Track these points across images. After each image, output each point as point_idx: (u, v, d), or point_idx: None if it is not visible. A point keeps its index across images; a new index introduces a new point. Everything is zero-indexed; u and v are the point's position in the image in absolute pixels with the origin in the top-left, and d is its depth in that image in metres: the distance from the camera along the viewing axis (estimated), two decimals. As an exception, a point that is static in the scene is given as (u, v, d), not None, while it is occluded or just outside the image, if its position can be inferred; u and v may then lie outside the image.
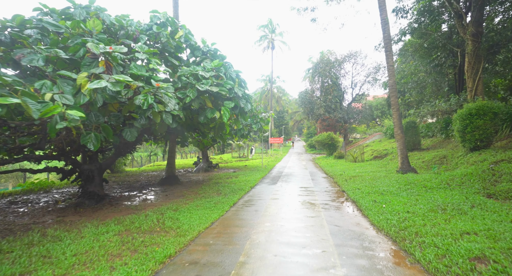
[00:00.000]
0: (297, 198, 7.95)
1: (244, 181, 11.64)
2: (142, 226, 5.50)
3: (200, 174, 15.77)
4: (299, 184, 10.77)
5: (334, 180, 11.41)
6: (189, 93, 7.48)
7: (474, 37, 12.39)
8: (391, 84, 11.40)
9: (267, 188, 10.10)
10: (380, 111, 47.11)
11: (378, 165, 15.74)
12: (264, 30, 47.27)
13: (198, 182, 12.11)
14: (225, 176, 13.69)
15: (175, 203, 7.81)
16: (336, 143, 25.72)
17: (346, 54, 33.88)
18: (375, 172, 12.34)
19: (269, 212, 6.40)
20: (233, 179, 12.58)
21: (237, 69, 8.92)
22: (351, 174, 12.28)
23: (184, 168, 19.02)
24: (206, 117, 8.15)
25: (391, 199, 6.89)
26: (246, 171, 16.48)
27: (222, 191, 9.44)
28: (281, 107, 62.42)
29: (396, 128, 11.43)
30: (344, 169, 14.75)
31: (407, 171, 10.86)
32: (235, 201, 7.79)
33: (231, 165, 20.94)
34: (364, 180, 10.05)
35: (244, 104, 9.15)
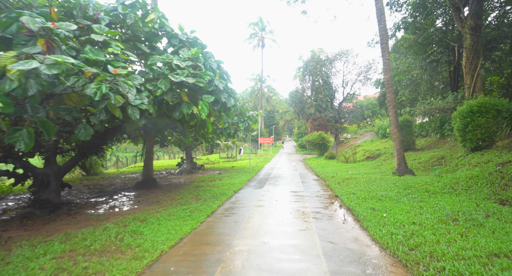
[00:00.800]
0: (284, 205, 7.00)
1: (228, 184, 10.65)
2: (94, 244, 4.47)
3: (183, 176, 14.69)
4: (287, 187, 9.85)
5: (326, 182, 10.54)
6: (161, 85, 6.47)
7: (473, 31, 11.72)
8: (387, 79, 10.60)
9: (252, 192, 9.14)
10: (371, 111, 46.79)
11: (372, 166, 14.97)
12: (254, 28, 46.35)
13: (178, 186, 11.06)
14: (208, 179, 12.67)
15: (146, 212, 6.77)
16: (327, 142, 24.98)
17: (337, 53, 33.28)
18: (369, 174, 11.52)
19: (251, 224, 5.43)
20: (217, 181, 11.57)
21: (218, 59, 7.93)
22: (344, 176, 11.43)
23: (167, 170, 17.90)
24: (181, 113, 7.15)
25: (391, 206, 6.02)
26: (232, 172, 15.48)
27: (202, 196, 8.44)
28: (271, 107, 61.62)
29: (392, 127, 10.63)
30: (336, 170, 13.91)
31: (404, 173, 10.07)
32: (214, 208, 6.80)
33: (217, 166, 19.91)
34: (359, 183, 9.19)
35: (226, 99, 8.18)
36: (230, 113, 9.64)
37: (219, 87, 7.41)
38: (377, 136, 27.60)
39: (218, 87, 7.50)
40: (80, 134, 5.18)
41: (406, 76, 18.11)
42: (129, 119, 6.35)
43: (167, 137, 11.93)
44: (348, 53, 32.83)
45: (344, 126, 37.21)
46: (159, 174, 15.97)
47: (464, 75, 12.46)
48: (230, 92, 8.40)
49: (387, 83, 10.61)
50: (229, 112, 9.39)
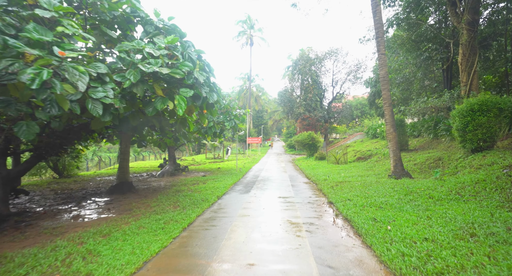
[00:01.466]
0: (273, 215, 6.16)
1: (211, 188, 9.75)
2: (32, 272, 3.53)
3: (164, 178, 13.68)
4: (276, 192, 9.02)
5: (317, 186, 9.76)
6: (129, 76, 5.54)
7: (470, 26, 11.20)
8: (383, 75, 9.92)
9: (237, 198, 8.26)
10: (360, 111, 46.64)
11: (364, 168, 14.33)
12: (243, 25, 45.44)
13: (156, 190, 10.08)
14: (191, 181, 11.72)
15: (113, 223, 5.82)
16: (317, 143, 24.34)
17: (327, 51, 32.77)
18: (363, 176, 10.82)
19: (234, 240, 4.56)
20: (200, 185, 10.64)
21: (199, 49, 7.03)
22: (337, 178, 10.69)
23: (149, 171, 16.80)
24: (155, 109, 6.23)
25: (395, 216, 5.26)
26: (218, 174, 14.56)
27: (181, 203, 7.52)
28: (260, 107, 60.86)
29: (388, 126, 9.96)
30: (327, 172, 13.19)
31: (401, 176, 9.40)
32: (192, 219, 5.90)
33: (202, 168, 18.92)
34: (354, 187, 8.45)
35: (208, 93, 7.29)
36: (214, 111, 8.75)
37: (199, 80, 6.50)
38: (367, 136, 27.18)
39: (198, 81, 6.59)
40: (20, 133, 4.19)
41: (398, 74, 17.61)
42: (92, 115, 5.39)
43: (146, 136, 10.91)
44: (337, 52, 32.36)
45: (333, 127, 36.77)
46: (139, 176, 14.89)
47: (460, 72, 11.94)
48: (212, 87, 7.51)
49: (383, 80, 9.93)
50: (212, 109, 8.51)
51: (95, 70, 5.03)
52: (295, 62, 35.54)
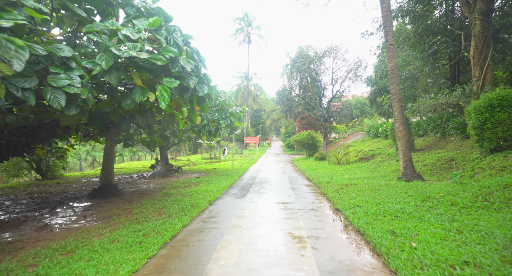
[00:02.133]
0: (271, 226, 5.27)
1: (204, 191, 8.85)
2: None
3: (155, 180, 12.76)
4: (275, 196, 8.13)
5: (320, 190, 8.88)
6: (100, 61, 4.66)
7: (483, 16, 10.35)
8: (392, 68, 9.06)
9: (231, 203, 7.37)
10: (359, 111, 45.87)
11: (368, 169, 13.47)
12: (240, 23, 44.52)
13: (144, 193, 9.18)
14: (183, 184, 10.82)
15: (83, 235, 4.93)
16: (316, 142, 23.48)
17: (326, 49, 31.88)
18: (369, 179, 9.96)
19: (222, 262, 3.68)
20: (192, 188, 9.75)
21: (186, 33, 6.14)
22: (340, 181, 9.83)
23: (140, 172, 15.87)
24: (133, 101, 5.35)
25: (416, 228, 4.40)
26: (212, 176, 13.66)
27: (167, 209, 6.63)
28: (258, 106, 59.97)
29: (397, 124, 9.09)
30: (329, 174, 12.33)
31: (412, 178, 8.55)
32: (176, 230, 5.02)
33: (197, 168, 18.01)
34: (361, 191, 7.58)
35: (198, 85, 6.40)
36: (205, 106, 7.86)
37: (186, 70, 5.60)
38: (368, 136, 26.36)
39: (184, 70, 5.69)
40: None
41: (402, 71, 16.74)
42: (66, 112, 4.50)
43: (133, 135, 10.00)
44: (337, 49, 31.48)
45: (333, 126, 35.88)
46: (129, 177, 13.97)
47: (472, 67, 11.10)
48: (202, 78, 6.61)
49: (391, 73, 9.06)
50: (203, 104, 7.62)
51: (56, 53, 4.16)
52: (294, 60, 34.64)
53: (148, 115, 7.94)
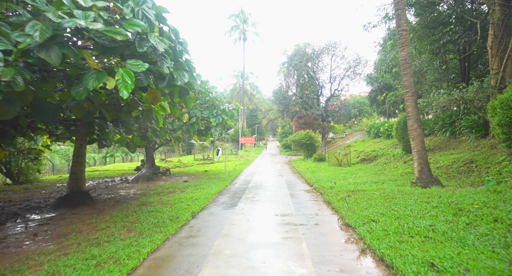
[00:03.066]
0: (266, 251, 4.07)
1: (189, 199, 7.64)
2: None
3: (138, 184, 11.51)
4: (271, 205, 6.93)
5: (323, 197, 7.70)
6: (32, 31, 3.41)
7: (504, 1, 9.27)
8: (404, 57, 7.91)
9: (219, 216, 6.15)
10: (357, 110, 44.92)
11: (373, 171, 12.33)
12: (236, 20, 43.32)
13: (120, 201, 7.94)
14: (168, 189, 9.59)
15: (16, 265, 3.72)
16: (315, 142, 22.34)
17: (325, 45, 30.81)
18: (377, 183, 8.80)
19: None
20: (176, 195, 8.52)
21: (160, 5, 4.92)
22: (345, 185, 8.67)
23: (125, 175, 14.57)
24: (86, 90, 4.11)
25: (462, 258, 3.23)
26: (203, 179, 12.44)
27: (140, 224, 5.41)
28: (254, 106, 58.81)
29: (411, 121, 7.94)
30: (331, 177, 11.18)
31: (428, 183, 7.40)
32: (139, 259, 3.79)
33: (188, 170, 16.75)
34: (372, 200, 6.41)
35: (177, 73, 5.20)
36: (189, 99, 6.69)
37: (158, 50, 4.38)
38: (369, 135, 25.32)
39: (156, 51, 4.48)
40: None
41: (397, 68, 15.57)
42: None
43: (109, 134, 8.73)
44: (335, 46, 30.42)
45: (331, 126, 34.82)
46: (110, 181, 12.68)
47: (490, 58, 10.00)
48: (183, 64, 5.41)
49: (404, 63, 7.92)
50: (186, 97, 6.44)
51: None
52: (291, 57, 33.54)
53: (121, 110, 6.71)
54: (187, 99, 6.64)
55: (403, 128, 13.25)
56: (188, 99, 6.64)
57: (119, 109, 6.79)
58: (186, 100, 6.66)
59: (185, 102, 6.67)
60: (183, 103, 6.75)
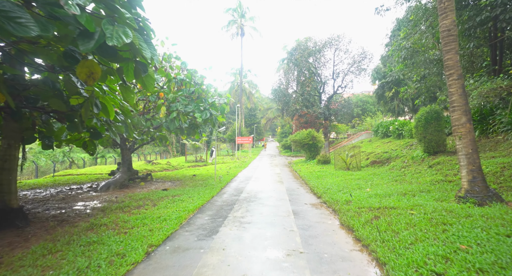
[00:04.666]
0: None
1: (156, 219, 5.58)
2: None
3: (108, 193, 9.44)
4: (267, 234, 4.85)
5: (340, 217, 5.62)
6: None
7: None
8: (448, 26, 5.86)
9: (186, 255, 4.07)
10: (360, 109, 42.93)
11: (391, 177, 10.28)
12: (233, 14, 41.24)
13: (65, 221, 5.91)
14: (137, 202, 7.51)
15: None
16: (318, 143, 20.28)
17: (327, 39, 28.71)
18: (407, 195, 6.72)
19: None
20: (143, 211, 6.46)
21: None
22: (365, 199, 6.61)
23: (98, 181, 12.46)
24: None
25: None
26: (186, 186, 10.38)
27: (57, 271, 3.34)
28: (252, 104, 56.74)
29: (457, 114, 5.89)
30: (341, 184, 9.14)
31: (485, 198, 5.36)
32: None
33: (174, 174, 14.66)
34: (415, 226, 4.36)
35: (113, 28, 3.12)
36: (148, 80, 4.68)
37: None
38: (376, 135, 23.29)
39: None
40: None
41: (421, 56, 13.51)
42: None
43: (59, 131, 6.66)
44: (339, 40, 28.28)
45: (334, 125, 32.70)
46: (76, 189, 10.60)
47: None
48: (121, 14, 3.34)
49: (447, 35, 5.87)
50: (142, 76, 4.43)
51: None
52: (291, 52, 31.42)
53: (50, 95, 4.65)
54: (146, 81, 4.60)
55: (425, 126, 11.23)
56: (148, 80, 4.61)
57: (52, 96, 4.74)
58: (144, 82, 4.62)
59: (144, 83, 4.63)
60: (142, 86, 4.70)
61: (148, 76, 4.55)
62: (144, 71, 4.36)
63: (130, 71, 4.31)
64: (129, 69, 4.31)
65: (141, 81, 4.58)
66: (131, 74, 4.35)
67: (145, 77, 4.54)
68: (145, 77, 4.53)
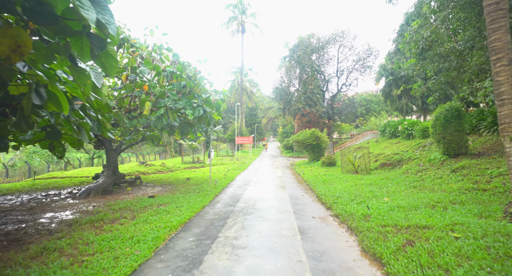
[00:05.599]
0: None
1: (127, 240, 4.43)
2: None
3: (87, 199, 8.30)
4: (267, 266, 3.67)
5: (360, 239, 4.44)
6: None
7: None
8: (496, -1, 4.67)
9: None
10: (364, 108, 41.72)
11: (406, 182, 9.09)
12: (234, 10, 40.08)
13: (17, 240, 4.76)
14: (113, 214, 6.36)
15: None
16: (322, 143, 19.08)
17: (331, 35, 27.56)
18: (437, 208, 5.53)
19: None
20: (117, 227, 5.30)
21: None
22: (386, 212, 5.43)
23: (83, 185, 11.32)
24: None
25: None
26: (178, 191, 9.23)
27: None
28: (253, 104, 55.58)
29: (507, 109, 4.68)
30: (352, 191, 7.96)
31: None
32: None
33: (167, 178, 13.49)
34: (471, 259, 3.19)
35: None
36: (108, 59, 3.48)
37: None
38: (383, 135, 22.08)
39: None
40: None
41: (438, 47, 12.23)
42: None
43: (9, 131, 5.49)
44: (343, 36, 27.14)
45: (337, 124, 31.51)
46: (54, 194, 9.48)
47: None
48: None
49: (495, 9, 4.68)
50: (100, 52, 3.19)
51: None
52: (293, 49, 30.29)
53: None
54: (105, 61, 3.45)
55: (444, 125, 10.04)
56: (108, 59, 3.45)
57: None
58: (103, 62, 3.47)
59: (103, 65, 3.48)
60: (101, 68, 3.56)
61: (107, 56, 3.38)
62: (100, 48, 3.20)
63: (86, 49, 3.17)
64: (83, 46, 3.17)
65: (100, 63, 3.42)
66: (87, 53, 3.21)
67: (104, 56, 3.38)
68: (103, 56, 3.38)
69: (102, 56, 3.39)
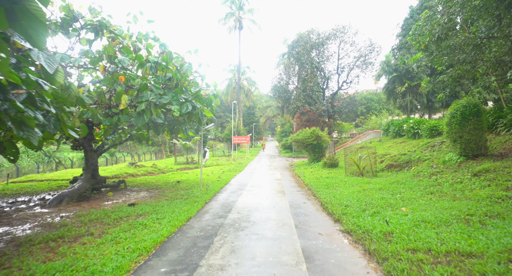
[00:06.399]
0: None
1: (80, 272, 3.34)
2: None
3: (57, 208, 7.22)
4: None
5: (388, 274, 3.38)
6: None
7: None
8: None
9: None
10: (365, 107, 40.76)
11: (421, 187, 8.05)
12: (231, 6, 38.95)
13: None
14: (79, 229, 5.29)
15: None
16: (323, 143, 18.03)
17: (331, 30, 26.50)
18: (474, 224, 4.48)
19: None
20: (74, 250, 4.22)
21: None
22: (412, 231, 4.39)
23: (61, 189, 10.21)
24: None
25: None
26: (164, 198, 8.16)
27: None
28: (251, 103, 54.47)
29: None
30: (362, 199, 6.93)
31: None
32: None
33: (155, 181, 12.38)
34: None
35: None
36: (31, 20, 2.28)
37: None
38: (387, 135, 21.07)
39: None
40: None
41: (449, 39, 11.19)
42: None
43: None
44: (344, 31, 26.09)
45: (338, 123, 30.46)
46: (23, 201, 8.38)
47: None
48: None
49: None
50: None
51: None
52: (292, 46, 29.25)
53: None
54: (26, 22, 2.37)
55: (461, 123, 9.03)
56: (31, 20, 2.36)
57: None
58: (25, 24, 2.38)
59: (26, 32, 2.40)
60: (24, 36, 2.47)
61: (30, 17, 2.31)
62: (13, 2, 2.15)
63: None
64: None
65: (20, 28, 2.36)
66: (1, 16, 2.16)
67: (24, 18, 2.31)
68: (23, 18, 2.31)
69: (21, 17, 2.32)
